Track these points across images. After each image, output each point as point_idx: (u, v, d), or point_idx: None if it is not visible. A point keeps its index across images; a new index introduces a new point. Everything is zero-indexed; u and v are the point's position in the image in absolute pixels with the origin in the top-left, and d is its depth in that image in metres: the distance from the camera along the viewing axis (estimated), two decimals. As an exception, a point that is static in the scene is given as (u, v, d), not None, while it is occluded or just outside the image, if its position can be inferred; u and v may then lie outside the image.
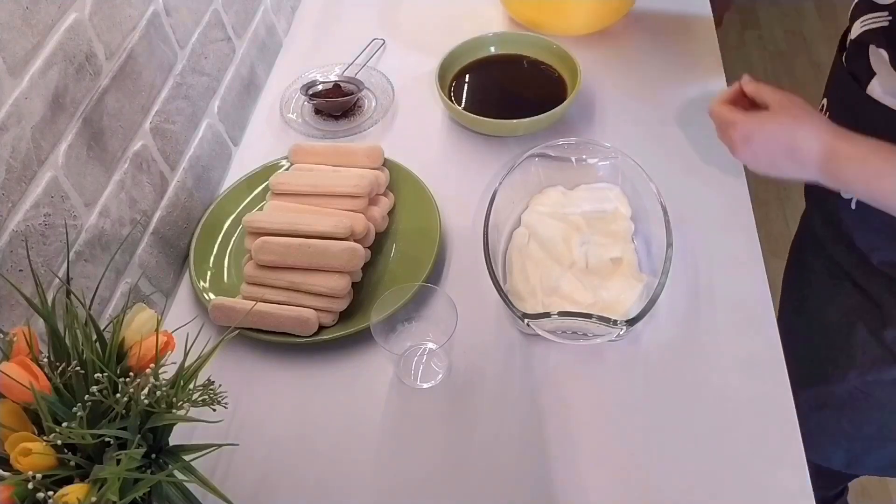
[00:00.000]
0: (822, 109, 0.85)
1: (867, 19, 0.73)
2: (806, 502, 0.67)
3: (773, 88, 0.77)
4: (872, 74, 0.73)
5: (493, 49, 1.08)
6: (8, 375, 0.51)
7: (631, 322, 0.70)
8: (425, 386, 0.78)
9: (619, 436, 0.73)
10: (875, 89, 0.74)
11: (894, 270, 0.81)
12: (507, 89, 1.07)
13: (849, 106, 0.78)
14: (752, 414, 0.72)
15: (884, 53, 0.71)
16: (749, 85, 0.78)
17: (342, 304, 0.82)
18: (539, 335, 0.73)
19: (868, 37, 0.73)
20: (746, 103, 0.78)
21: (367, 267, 0.85)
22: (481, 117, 0.96)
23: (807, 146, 0.70)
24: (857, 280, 0.85)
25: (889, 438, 0.92)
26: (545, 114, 0.94)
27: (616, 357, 0.78)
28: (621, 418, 0.74)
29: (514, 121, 0.95)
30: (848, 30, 0.81)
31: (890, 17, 0.70)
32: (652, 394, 0.75)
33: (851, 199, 0.80)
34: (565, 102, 0.95)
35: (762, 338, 0.78)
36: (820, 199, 0.82)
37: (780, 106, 0.74)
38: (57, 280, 0.68)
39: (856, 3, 0.77)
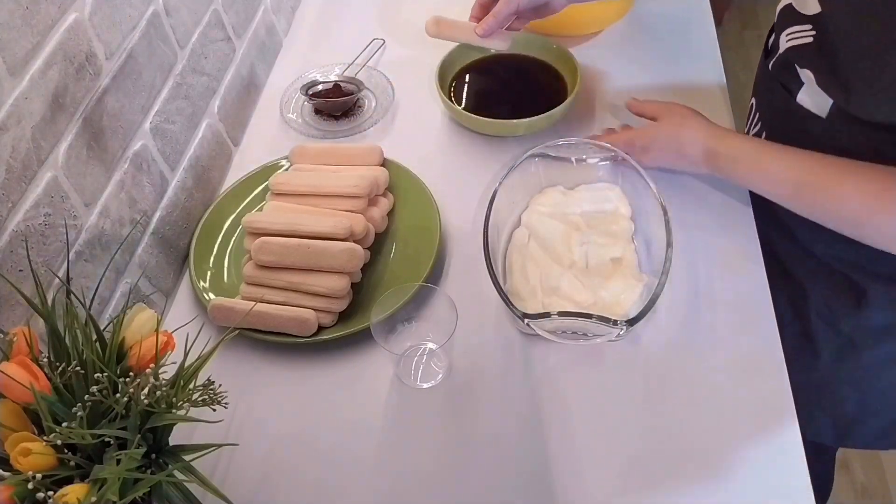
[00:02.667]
0: (751, 109, 0.91)
1: (792, 33, 0.75)
2: (806, 502, 0.67)
3: (655, 102, 0.90)
4: (801, 85, 0.76)
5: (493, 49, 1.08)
6: (8, 375, 0.51)
7: (631, 322, 0.70)
8: (425, 386, 0.78)
9: (618, 435, 0.73)
10: (804, 99, 0.76)
11: (837, 262, 0.82)
12: (507, 89, 1.06)
13: (780, 111, 0.81)
14: (752, 414, 0.72)
15: (809, 74, 0.73)
16: (633, 105, 0.92)
17: (342, 305, 0.82)
18: (539, 335, 0.73)
19: (793, 55, 0.76)
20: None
21: (366, 267, 0.85)
22: (481, 117, 0.96)
23: (690, 149, 0.82)
24: (803, 276, 0.87)
25: (870, 414, 0.94)
26: (545, 114, 0.94)
27: (616, 357, 0.78)
28: (621, 418, 0.74)
29: (515, 121, 0.95)
30: (771, 32, 0.83)
31: (814, 33, 0.72)
32: (652, 394, 0.75)
33: None
34: (565, 103, 0.95)
35: (762, 338, 0.78)
36: (759, 197, 0.84)
37: (664, 115, 0.86)
38: (57, 280, 0.68)
39: (781, 10, 0.78)
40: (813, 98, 0.75)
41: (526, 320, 0.71)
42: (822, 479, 1.29)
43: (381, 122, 1.04)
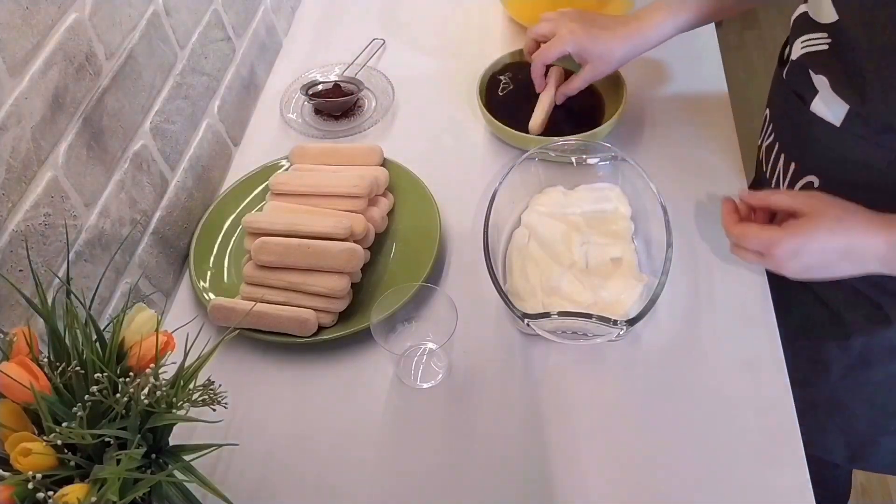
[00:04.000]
0: (765, 121, 0.87)
1: (807, 40, 0.74)
2: (806, 502, 0.67)
3: (784, 192, 0.74)
4: (815, 93, 0.74)
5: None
6: (8, 375, 0.51)
7: (631, 322, 0.70)
8: (425, 386, 0.78)
9: (618, 435, 0.72)
10: (818, 107, 0.74)
11: (853, 279, 0.78)
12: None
13: (793, 121, 0.79)
14: (752, 414, 0.72)
15: (824, 79, 0.72)
16: (753, 198, 0.74)
17: (341, 305, 0.82)
18: (539, 335, 0.73)
19: (808, 60, 0.74)
20: (757, 213, 0.76)
21: (366, 267, 0.85)
22: (526, 134, 0.93)
23: (865, 246, 0.67)
24: (818, 291, 0.85)
25: (883, 433, 0.92)
26: (589, 132, 0.91)
27: (616, 357, 0.78)
28: (621, 418, 0.74)
29: (561, 139, 0.90)
30: (787, 43, 0.82)
31: (829, 40, 0.71)
32: (652, 394, 0.75)
33: None
34: (611, 121, 0.93)
35: (762, 338, 0.78)
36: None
37: (814, 209, 0.69)
38: (57, 280, 0.68)
39: (795, 19, 0.78)
40: (828, 105, 0.73)
41: (526, 320, 0.71)
42: (838, 489, 1.28)
43: (381, 122, 1.04)
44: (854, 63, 0.68)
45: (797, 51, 0.76)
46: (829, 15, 0.70)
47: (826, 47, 0.72)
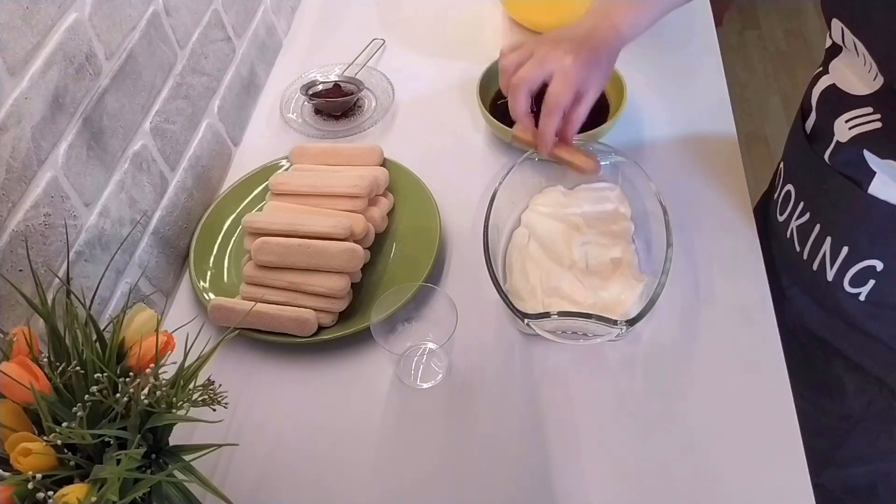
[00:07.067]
0: (787, 196, 0.80)
1: (852, 119, 0.67)
2: (806, 502, 0.67)
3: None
4: (873, 174, 0.68)
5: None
6: (8, 375, 0.51)
7: (631, 322, 0.70)
8: (425, 386, 0.78)
9: (618, 435, 0.73)
10: (878, 189, 0.68)
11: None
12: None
13: (842, 204, 0.71)
14: (752, 414, 0.72)
15: (891, 162, 0.65)
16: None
17: (341, 305, 0.82)
18: (539, 335, 0.73)
19: (862, 142, 0.67)
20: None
21: (366, 267, 0.85)
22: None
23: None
24: (876, 372, 0.80)
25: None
26: (589, 132, 0.91)
27: (616, 357, 0.78)
28: (621, 418, 0.74)
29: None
30: (806, 114, 0.75)
31: (879, 116, 0.64)
32: (652, 394, 0.75)
33: (860, 292, 0.75)
34: (608, 122, 0.92)
35: (762, 338, 0.78)
36: (811, 290, 0.79)
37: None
38: (57, 280, 0.68)
39: (821, 93, 0.71)
40: (888, 186, 0.67)
41: (526, 320, 0.71)
42: None
43: (381, 122, 1.04)
44: None
45: (843, 132, 0.68)
46: (865, 85, 0.64)
47: (879, 125, 0.64)
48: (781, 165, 0.83)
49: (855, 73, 0.66)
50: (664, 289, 0.72)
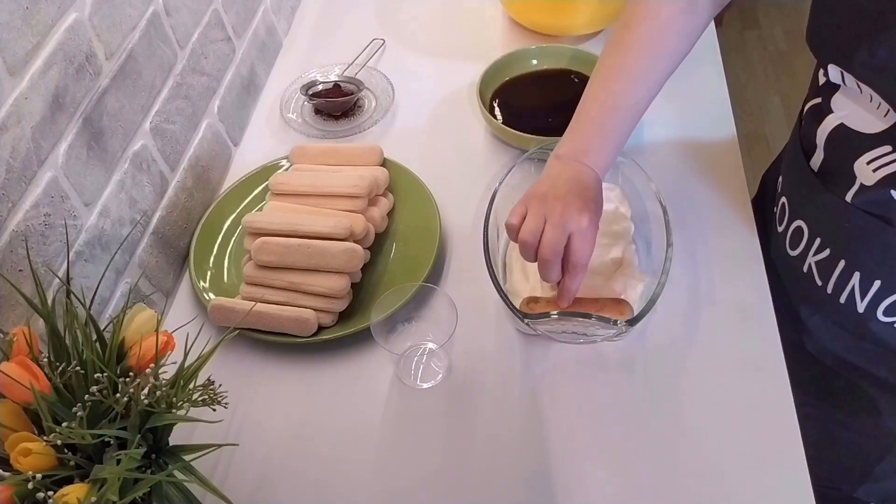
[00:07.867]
0: (799, 231, 0.77)
1: (874, 160, 0.64)
2: (806, 502, 0.67)
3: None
4: None
5: (534, 62, 1.05)
6: (8, 375, 0.51)
7: (631, 322, 0.70)
8: (425, 386, 0.78)
9: (618, 435, 0.73)
10: None
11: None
12: (548, 104, 1.02)
13: (870, 242, 0.69)
14: (752, 414, 0.72)
15: None
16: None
17: (342, 305, 0.82)
18: (539, 335, 0.73)
19: (890, 183, 0.64)
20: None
21: (366, 267, 0.85)
22: (527, 135, 0.93)
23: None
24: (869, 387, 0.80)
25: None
26: None
27: (616, 357, 0.78)
28: (621, 418, 0.74)
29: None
30: (810, 149, 0.73)
31: None
32: (652, 394, 0.75)
33: (894, 321, 0.73)
34: None
35: (762, 338, 0.78)
36: (837, 321, 0.77)
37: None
38: (57, 280, 0.68)
39: (829, 134, 0.69)
40: None
41: (526, 320, 0.71)
42: None
43: (381, 122, 1.04)
44: None
45: (868, 176, 0.66)
46: (878, 119, 0.62)
47: None
48: (784, 202, 0.79)
49: (862, 106, 0.64)
50: (664, 289, 0.72)
